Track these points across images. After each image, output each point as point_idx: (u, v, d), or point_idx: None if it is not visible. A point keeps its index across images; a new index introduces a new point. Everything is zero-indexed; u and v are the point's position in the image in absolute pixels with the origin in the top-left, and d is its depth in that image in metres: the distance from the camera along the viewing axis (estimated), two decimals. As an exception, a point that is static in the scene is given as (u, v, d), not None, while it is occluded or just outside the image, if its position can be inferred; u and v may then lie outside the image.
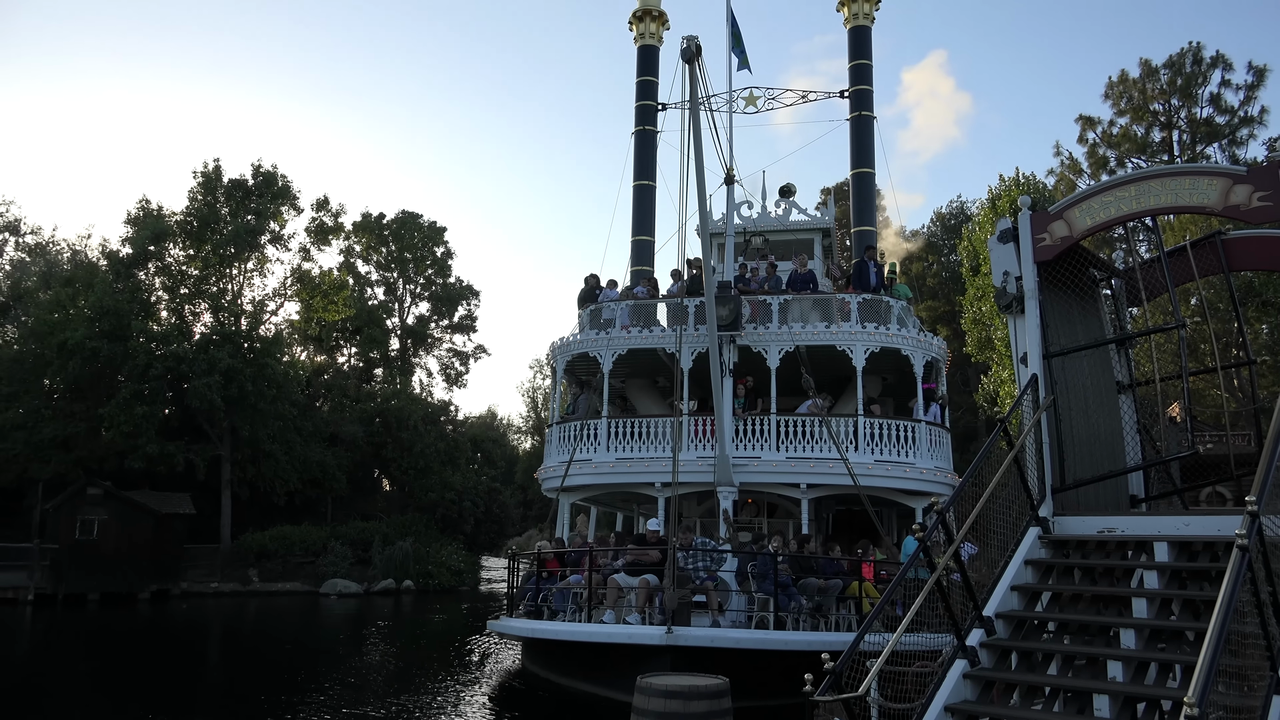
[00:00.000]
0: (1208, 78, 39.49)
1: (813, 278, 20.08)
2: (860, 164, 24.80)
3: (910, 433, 18.12)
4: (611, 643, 14.35)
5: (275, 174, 47.93)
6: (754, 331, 18.58)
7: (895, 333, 18.58)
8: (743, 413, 18.49)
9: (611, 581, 15.14)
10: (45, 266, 50.87)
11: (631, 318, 20.16)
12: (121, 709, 15.14)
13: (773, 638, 14.00)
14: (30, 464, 39.91)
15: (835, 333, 18.41)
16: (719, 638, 13.85)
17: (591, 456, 19.14)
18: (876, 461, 17.70)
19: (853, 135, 25.07)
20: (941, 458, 18.59)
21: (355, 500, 51.68)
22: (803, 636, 14.24)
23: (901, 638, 7.25)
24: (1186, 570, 8.11)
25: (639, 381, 22.79)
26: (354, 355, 59.74)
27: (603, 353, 19.72)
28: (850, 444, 17.75)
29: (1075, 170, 41.79)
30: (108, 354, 39.96)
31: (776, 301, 19.07)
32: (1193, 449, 10.20)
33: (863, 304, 18.87)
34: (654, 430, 19.01)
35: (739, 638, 13.92)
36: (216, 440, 43.12)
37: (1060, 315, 10.78)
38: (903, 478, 17.78)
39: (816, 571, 15.53)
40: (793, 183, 23.50)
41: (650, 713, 8.40)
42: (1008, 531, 9.11)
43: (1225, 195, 9.42)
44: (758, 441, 18.18)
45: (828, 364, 18.89)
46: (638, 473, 18.73)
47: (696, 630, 13.95)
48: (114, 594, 35.45)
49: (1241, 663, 6.40)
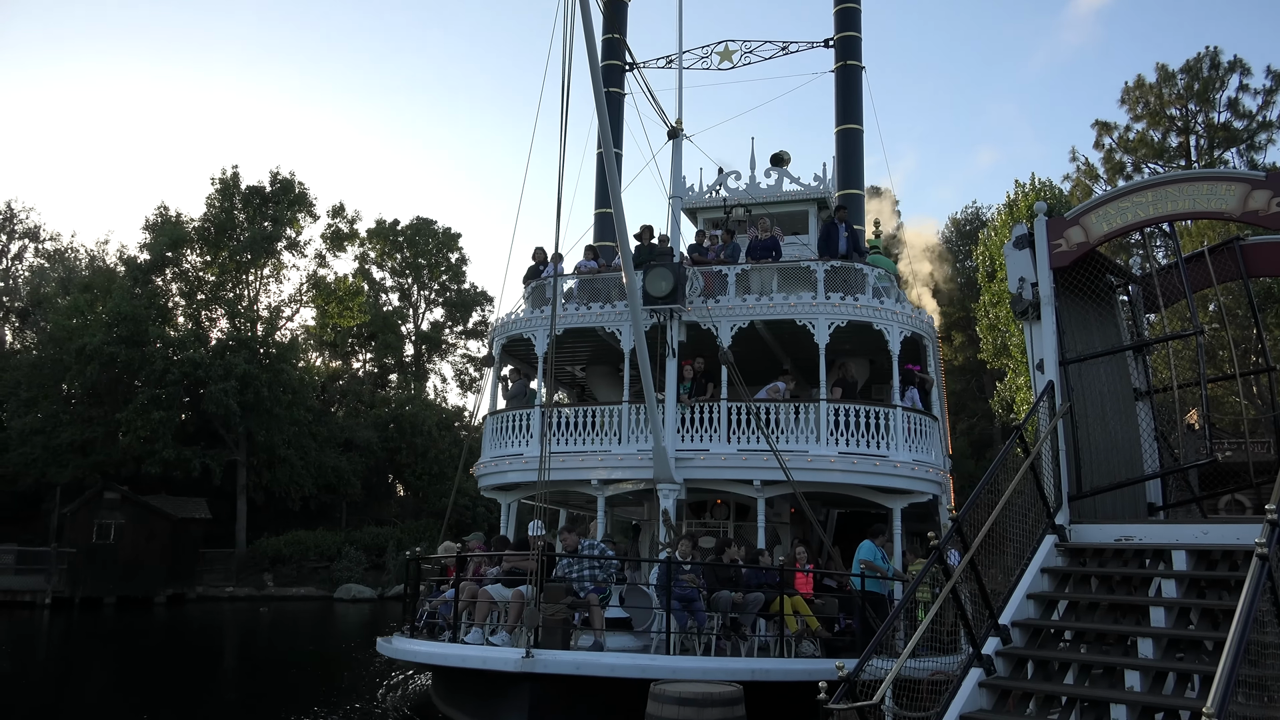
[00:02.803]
0: (1225, 82, 39.26)
1: (775, 244, 17.28)
2: (846, 119, 21.44)
3: (883, 421, 15.47)
4: (464, 668, 12.07)
5: (292, 181, 48.36)
6: (702, 306, 16.13)
7: (865, 304, 15.89)
8: (689, 399, 16.02)
9: (483, 594, 12.69)
10: (64, 272, 51.39)
11: (578, 295, 17.67)
12: (137, 713, 15.21)
13: (657, 664, 11.36)
14: (48, 468, 40.27)
15: (794, 305, 15.86)
16: (587, 664, 11.18)
17: (522, 451, 16.78)
18: (842, 454, 15.10)
19: (838, 87, 21.84)
20: (925, 450, 15.88)
21: (369, 505, 51.87)
22: (697, 663, 11.70)
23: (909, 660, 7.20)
24: (1205, 579, 8.04)
25: (601, 369, 20.38)
26: (369, 361, 60.04)
27: (537, 333, 17.23)
28: (813, 434, 15.31)
29: (1092, 176, 41.60)
30: (125, 359, 40.30)
31: (733, 272, 16.54)
32: (1211, 456, 10.10)
33: (830, 272, 16.22)
34: (594, 421, 16.57)
35: (614, 665, 11.30)
36: (232, 445, 43.39)
37: (1077, 321, 10.72)
38: (874, 473, 15.21)
39: (738, 583, 13.15)
40: (786, 150, 21.37)
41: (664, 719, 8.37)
42: (1024, 539, 9.05)
43: (1244, 201, 9.35)
44: (706, 432, 15.75)
45: (807, 344, 16.27)
46: (572, 469, 16.27)
47: (563, 655, 11.24)
48: (130, 598, 35.66)
49: (1261, 673, 6.34)
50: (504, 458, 17.01)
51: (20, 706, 15.59)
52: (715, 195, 20.93)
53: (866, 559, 13.41)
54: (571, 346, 18.47)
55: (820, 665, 10.56)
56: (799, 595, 13.09)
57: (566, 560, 12.51)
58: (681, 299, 15.72)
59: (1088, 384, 10.43)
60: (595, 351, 18.92)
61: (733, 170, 21.25)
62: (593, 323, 16.87)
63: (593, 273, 17.83)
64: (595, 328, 16.88)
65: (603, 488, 16.26)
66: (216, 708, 16.12)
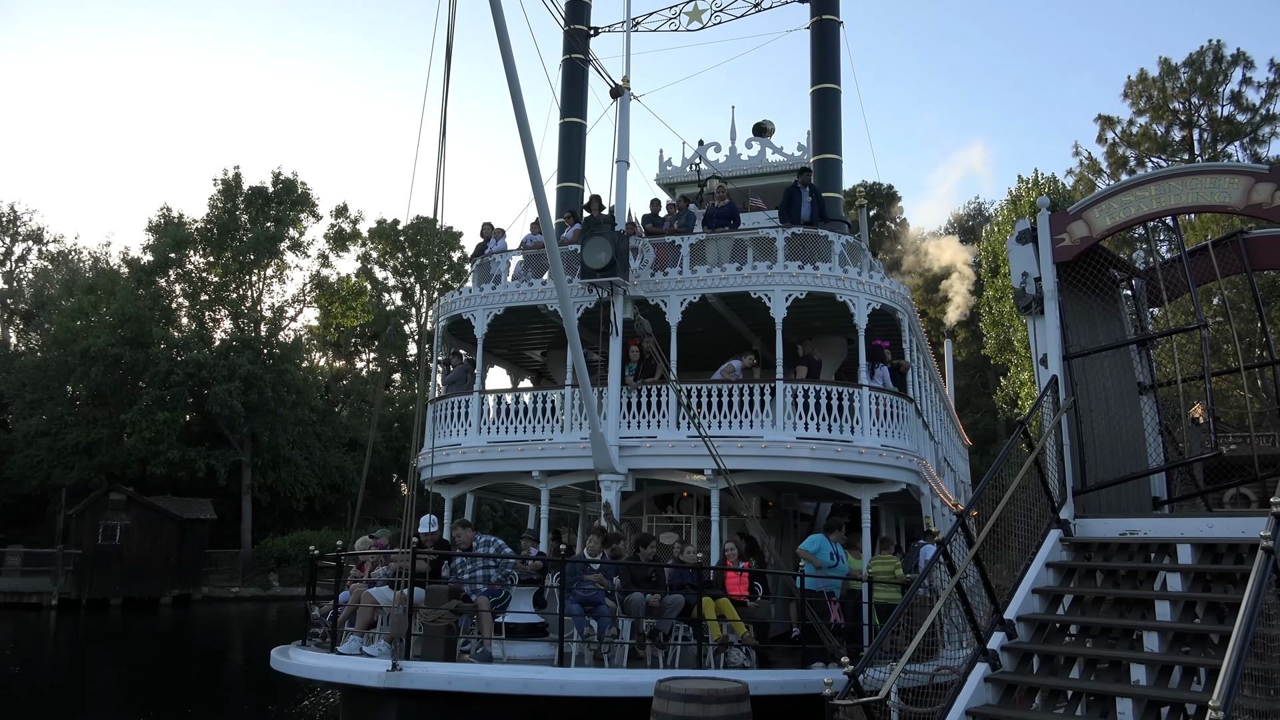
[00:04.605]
0: (1228, 76, 39.19)
1: (733, 212, 15.91)
2: (822, 78, 19.20)
3: (847, 402, 13.88)
4: (332, 682, 10.67)
5: (295, 181, 48.42)
6: (649, 279, 14.77)
7: (827, 273, 14.29)
8: (634, 381, 14.55)
9: (365, 597, 11.40)
10: (68, 274, 51.54)
11: (525, 271, 16.36)
12: (143, 712, 15.25)
13: (542, 678, 9.80)
14: (53, 470, 40.39)
15: (748, 276, 14.36)
16: (461, 678, 9.56)
17: (460, 441, 15.56)
18: (800, 439, 13.62)
19: (814, 44, 19.61)
20: (896, 434, 14.29)
21: (375, 505, 51.97)
22: (591, 676, 10.18)
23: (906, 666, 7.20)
24: (1210, 572, 8.04)
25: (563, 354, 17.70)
26: (372, 361, 60.12)
27: (476, 313, 15.91)
28: (768, 418, 13.82)
29: (1094, 170, 41.56)
30: (129, 361, 40.41)
31: (687, 243, 15.11)
32: (1216, 450, 10.10)
33: (791, 239, 14.75)
34: (537, 408, 15.24)
35: (492, 679, 9.67)
36: (237, 446, 43.48)
37: (1080, 316, 10.71)
38: (836, 460, 13.67)
39: (657, 584, 11.59)
40: (769, 120, 20.08)
41: (669, 716, 8.36)
42: (1028, 534, 9.05)
43: (1247, 194, 9.34)
44: (653, 418, 14.31)
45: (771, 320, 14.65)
46: (512, 459, 14.97)
47: (436, 668, 9.70)
48: (136, 599, 35.80)
49: (1267, 666, 6.33)
50: (444, 448, 15.76)
51: (27, 707, 15.64)
52: (694, 169, 19.74)
53: (808, 551, 12.19)
54: (522, 327, 17.01)
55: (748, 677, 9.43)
56: (725, 598, 11.56)
57: (460, 559, 11.07)
58: (623, 271, 14.29)
59: (1092, 378, 10.43)
60: (559, 334, 16.73)
61: (712, 142, 20.20)
62: (534, 300, 15.60)
63: (538, 247, 16.37)
64: (538, 305, 15.61)
65: (545, 480, 14.94)
66: (217, 708, 16.16)
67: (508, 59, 10.52)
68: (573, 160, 20.78)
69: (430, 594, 10.41)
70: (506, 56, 10.50)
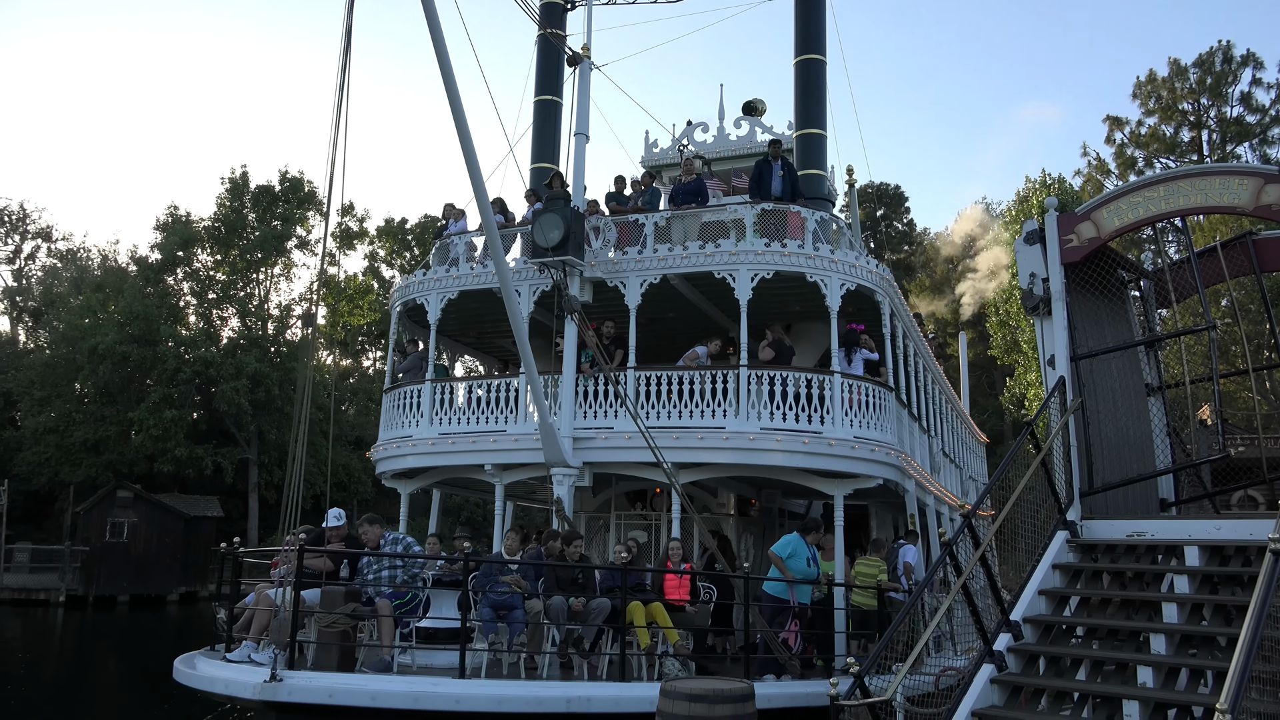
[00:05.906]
0: (1238, 76, 39.03)
1: (702, 188, 15.04)
2: (806, 49, 18.07)
3: (816, 390, 12.78)
4: (211, 692, 9.69)
5: (301, 180, 48.54)
6: (607, 260, 13.80)
7: (795, 250, 13.17)
8: (590, 369, 13.51)
9: (263, 598, 10.07)
10: (76, 272, 51.71)
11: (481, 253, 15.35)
12: (143, 710, 15.28)
13: (434, 691, 8.79)
14: (61, 467, 40.56)
15: (712, 255, 13.31)
16: (344, 691, 8.58)
17: (411, 432, 14.64)
18: (764, 430, 12.56)
19: (797, 12, 18.31)
20: (873, 425, 13.16)
21: (381, 503, 52.07)
22: (492, 689, 9.08)
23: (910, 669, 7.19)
24: (1218, 575, 8.01)
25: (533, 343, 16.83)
26: (379, 359, 60.21)
27: (430, 297, 15.00)
28: (731, 407, 12.77)
29: (1103, 171, 41.42)
30: (137, 358, 40.56)
31: (651, 222, 14.15)
32: (1224, 452, 10.07)
33: (761, 215, 13.76)
34: (490, 398, 14.25)
35: (379, 692, 8.69)
36: (244, 444, 43.61)
37: (1088, 317, 10.68)
38: (804, 452, 12.57)
39: (585, 586, 10.62)
40: (761, 99, 19.27)
41: (674, 715, 8.35)
42: (1035, 535, 9.03)
43: (1257, 195, 9.31)
44: (610, 408, 13.26)
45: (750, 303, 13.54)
46: (464, 451, 14.07)
47: (319, 679, 8.69)
48: (143, 596, 35.93)
49: (1275, 669, 6.31)
50: (395, 440, 14.98)
51: (34, 702, 15.70)
52: (681, 151, 18.96)
53: (778, 555, 11.52)
54: (488, 313, 15.78)
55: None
56: (657, 602, 10.56)
57: (366, 559, 10.19)
58: (576, 250, 13.26)
59: (1099, 379, 10.40)
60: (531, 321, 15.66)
61: (700, 122, 19.46)
62: (489, 283, 14.51)
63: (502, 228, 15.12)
64: (493, 288, 14.37)
65: (499, 474, 14.03)
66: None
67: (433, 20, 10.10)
68: (547, 139, 19.49)
69: (326, 596, 9.66)
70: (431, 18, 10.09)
